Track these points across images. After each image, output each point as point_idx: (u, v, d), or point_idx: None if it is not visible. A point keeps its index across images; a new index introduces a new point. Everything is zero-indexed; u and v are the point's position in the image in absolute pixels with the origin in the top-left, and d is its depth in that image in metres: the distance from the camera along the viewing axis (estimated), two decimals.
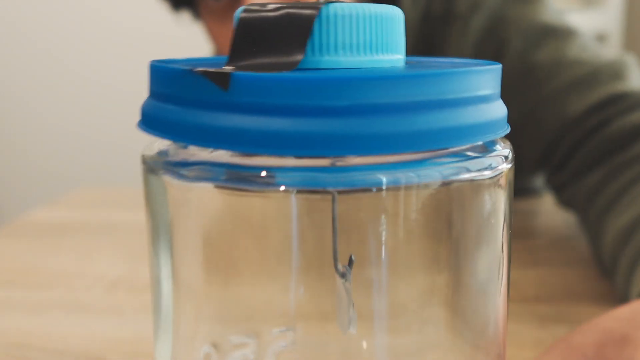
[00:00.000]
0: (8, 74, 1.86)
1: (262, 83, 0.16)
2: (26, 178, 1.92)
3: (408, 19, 0.61)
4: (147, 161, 0.20)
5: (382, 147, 0.16)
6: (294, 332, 0.21)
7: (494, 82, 0.19)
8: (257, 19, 0.18)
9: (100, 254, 0.53)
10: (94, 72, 1.82)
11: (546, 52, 0.55)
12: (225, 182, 0.18)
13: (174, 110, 0.18)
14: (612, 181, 0.47)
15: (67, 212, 0.66)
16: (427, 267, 0.20)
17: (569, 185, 0.52)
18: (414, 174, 0.17)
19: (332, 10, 0.18)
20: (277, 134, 0.16)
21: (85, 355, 0.36)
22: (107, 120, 1.85)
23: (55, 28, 1.81)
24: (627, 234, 0.42)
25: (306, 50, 0.18)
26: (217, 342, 0.21)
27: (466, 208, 0.19)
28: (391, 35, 0.19)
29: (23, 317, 0.41)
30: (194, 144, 0.18)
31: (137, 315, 0.41)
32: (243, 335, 0.21)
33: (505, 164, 0.19)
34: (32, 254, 0.54)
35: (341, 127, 0.16)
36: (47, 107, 1.87)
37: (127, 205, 0.69)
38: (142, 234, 0.58)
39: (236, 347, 0.21)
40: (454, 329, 0.21)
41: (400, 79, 0.16)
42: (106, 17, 1.79)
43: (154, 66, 0.19)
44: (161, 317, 0.21)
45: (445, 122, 0.17)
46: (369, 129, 0.16)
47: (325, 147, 0.16)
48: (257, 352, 0.21)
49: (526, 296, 0.43)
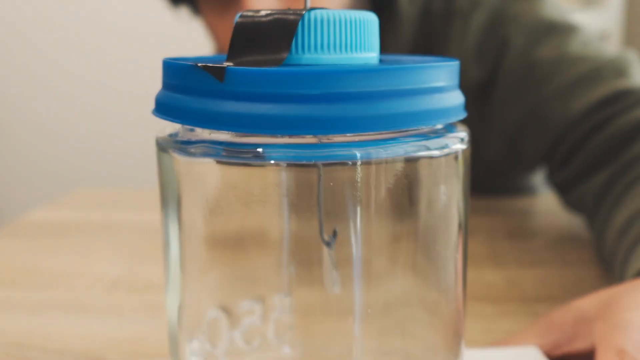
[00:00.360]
0: (8, 74, 1.86)
1: (252, 75, 0.20)
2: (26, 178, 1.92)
3: (406, 17, 0.61)
4: (159, 142, 0.24)
5: (353, 127, 0.20)
6: (291, 297, 0.25)
7: (449, 76, 0.23)
8: (251, 23, 0.22)
9: (100, 254, 0.53)
10: (94, 72, 1.82)
11: (548, 49, 0.55)
12: (224, 157, 0.22)
13: (182, 99, 0.22)
14: (616, 184, 0.47)
15: (67, 212, 0.66)
16: (396, 228, 0.24)
17: (574, 186, 0.52)
18: (382, 150, 0.21)
19: (312, 15, 0.21)
20: (266, 117, 0.20)
21: (85, 355, 0.36)
22: (107, 120, 1.85)
23: (55, 28, 1.81)
24: (625, 228, 0.42)
25: (291, 49, 0.22)
26: (228, 308, 0.25)
27: (427, 179, 0.23)
28: (365, 37, 0.23)
29: (23, 317, 0.41)
30: (198, 126, 0.22)
31: (137, 315, 0.41)
32: (251, 299, 0.25)
33: (461, 144, 0.24)
34: (32, 254, 0.54)
35: (315, 111, 0.20)
36: (47, 107, 1.87)
37: (127, 205, 0.69)
38: (142, 234, 0.58)
39: (246, 314, 0.25)
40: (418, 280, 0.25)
41: (367, 73, 0.20)
42: (106, 18, 1.79)
43: (166, 62, 0.23)
44: (170, 277, 0.25)
45: (406, 108, 0.21)
46: (341, 113, 0.20)
47: (303, 128, 0.20)
48: (263, 318, 0.25)
49: (526, 296, 0.43)
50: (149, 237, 0.57)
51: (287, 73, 0.20)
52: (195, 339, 0.25)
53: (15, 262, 0.52)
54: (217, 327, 0.25)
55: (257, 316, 0.25)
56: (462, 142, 0.24)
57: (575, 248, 0.53)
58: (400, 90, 0.21)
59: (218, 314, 0.25)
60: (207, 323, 0.25)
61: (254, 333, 0.25)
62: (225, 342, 0.25)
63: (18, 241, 0.57)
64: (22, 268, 0.50)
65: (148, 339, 0.38)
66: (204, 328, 0.25)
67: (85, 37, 1.80)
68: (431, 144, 0.23)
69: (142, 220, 0.63)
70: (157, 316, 0.41)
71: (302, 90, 0.20)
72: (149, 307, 0.42)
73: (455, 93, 0.23)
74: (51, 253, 0.54)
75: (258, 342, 0.26)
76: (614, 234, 0.43)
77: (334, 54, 0.22)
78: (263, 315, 0.25)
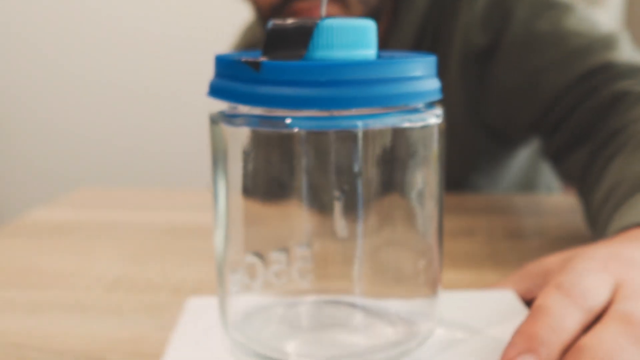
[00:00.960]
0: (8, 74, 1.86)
1: (279, 67, 0.28)
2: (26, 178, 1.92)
3: (416, 6, 0.67)
4: (212, 117, 0.32)
5: (354, 104, 0.28)
6: (311, 248, 0.34)
7: (427, 68, 0.30)
8: (280, 28, 0.30)
9: (100, 254, 0.53)
10: (94, 72, 1.82)
11: (547, 23, 0.60)
12: (259, 127, 0.30)
13: (229, 84, 0.30)
14: (599, 157, 0.51)
15: (67, 212, 0.66)
16: (388, 183, 0.32)
17: (565, 156, 0.57)
18: (377, 121, 0.30)
19: (325, 23, 0.29)
20: (289, 97, 0.28)
21: (84, 355, 0.36)
22: (107, 120, 1.86)
23: (55, 28, 1.81)
24: (606, 198, 0.46)
25: (308, 48, 0.29)
26: (262, 254, 0.33)
27: (411, 145, 0.31)
28: (364, 39, 0.30)
29: (22, 317, 0.41)
30: (240, 103, 0.30)
31: (137, 315, 0.41)
32: (278, 249, 0.34)
33: (437, 119, 0.31)
34: (32, 254, 0.54)
35: (323, 93, 0.28)
36: (47, 107, 1.87)
37: (127, 205, 0.69)
38: (142, 234, 0.58)
39: (274, 261, 0.34)
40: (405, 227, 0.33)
41: (363, 65, 0.28)
42: (106, 18, 1.79)
43: (217, 57, 0.31)
44: (217, 223, 0.34)
45: (393, 91, 0.29)
46: (342, 94, 0.28)
47: (317, 104, 0.28)
48: (288, 264, 0.34)
49: None
50: (149, 237, 0.57)
51: (303, 65, 0.28)
52: (236, 273, 0.34)
53: (15, 262, 0.52)
54: (253, 268, 0.33)
55: (284, 264, 0.34)
56: (437, 118, 0.32)
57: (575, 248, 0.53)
58: (388, 77, 0.29)
59: (254, 259, 0.33)
60: (245, 265, 0.33)
61: (281, 273, 0.34)
62: (260, 279, 0.34)
63: (18, 241, 0.57)
64: (21, 268, 0.50)
65: (148, 339, 0.38)
66: (243, 268, 0.34)
67: (85, 37, 1.80)
68: (413, 118, 0.31)
69: (142, 220, 0.63)
70: (157, 316, 0.41)
71: (313, 78, 0.28)
72: (149, 307, 0.42)
73: (433, 80, 0.31)
74: (51, 253, 0.54)
75: (285, 279, 0.34)
76: (597, 204, 0.47)
77: (340, 51, 0.29)
78: (288, 262, 0.34)
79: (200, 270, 0.49)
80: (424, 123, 0.31)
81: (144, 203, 0.70)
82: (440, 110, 0.32)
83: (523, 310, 0.37)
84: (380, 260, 0.34)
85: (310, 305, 0.36)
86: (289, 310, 0.36)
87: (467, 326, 0.35)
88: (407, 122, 0.30)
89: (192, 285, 0.46)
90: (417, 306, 0.35)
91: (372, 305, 0.35)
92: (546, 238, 0.55)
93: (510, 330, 0.32)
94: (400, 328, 0.34)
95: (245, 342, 0.33)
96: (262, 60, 0.28)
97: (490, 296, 0.39)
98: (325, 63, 0.28)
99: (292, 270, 0.34)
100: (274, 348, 0.33)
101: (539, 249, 0.53)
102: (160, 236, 0.58)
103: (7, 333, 0.39)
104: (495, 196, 0.70)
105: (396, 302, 0.35)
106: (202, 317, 0.37)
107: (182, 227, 0.60)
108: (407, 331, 0.34)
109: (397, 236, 0.34)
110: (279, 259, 0.34)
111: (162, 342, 0.37)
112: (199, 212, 0.65)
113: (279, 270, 0.34)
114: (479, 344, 0.34)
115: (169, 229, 0.60)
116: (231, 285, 0.34)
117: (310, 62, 0.28)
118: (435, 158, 0.32)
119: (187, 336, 0.35)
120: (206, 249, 0.53)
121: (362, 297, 0.35)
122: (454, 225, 0.59)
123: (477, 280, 0.46)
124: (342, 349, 0.33)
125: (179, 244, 0.56)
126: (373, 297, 0.35)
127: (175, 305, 0.42)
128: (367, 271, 0.34)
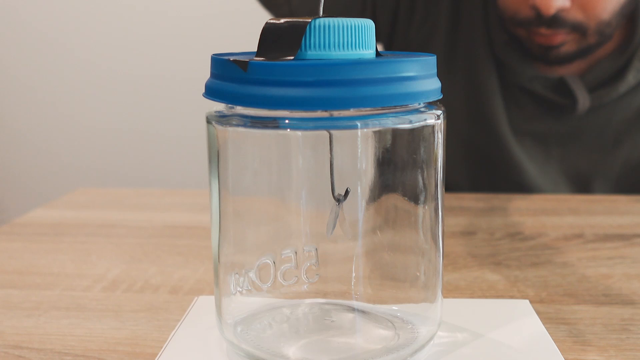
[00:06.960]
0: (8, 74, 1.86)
1: (268, 67, 0.28)
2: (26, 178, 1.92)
3: None
4: (207, 117, 0.31)
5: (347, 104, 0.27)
6: (317, 249, 0.33)
7: (426, 67, 0.29)
8: (273, 27, 0.29)
9: (100, 254, 0.53)
10: (94, 72, 1.82)
11: None
12: (251, 127, 0.29)
13: (220, 85, 0.29)
14: None
15: (67, 212, 0.66)
16: (389, 180, 0.32)
17: None
18: (376, 121, 0.29)
19: (318, 22, 0.28)
20: (280, 97, 0.27)
21: (83, 355, 0.36)
22: (106, 120, 1.85)
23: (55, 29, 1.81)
24: None
25: (300, 47, 0.29)
26: (273, 255, 0.33)
27: (411, 144, 0.31)
28: (360, 38, 0.29)
29: (21, 317, 0.41)
30: (229, 103, 0.29)
31: (136, 315, 0.41)
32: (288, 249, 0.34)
33: (437, 120, 0.31)
34: (32, 254, 0.53)
35: (310, 93, 0.27)
36: (46, 107, 1.87)
37: (127, 205, 0.69)
38: (142, 234, 0.58)
39: (285, 261, 0.34)
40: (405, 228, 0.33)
41: (350, 64, 0.27)
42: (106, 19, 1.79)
43: (213, 57, 0.30)
44: (212, 220, 0.33)
45: (389, 90, 0.28)
46: (315, 95, 0.27)
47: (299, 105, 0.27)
48: (296, 264, 0.33)
49: (526, 296, 0.43)
50: (148, 237, 0.57)
51: (289, 65, 0.27)
52: (230, 274, 0.33)
53: (15, 262, 0.52)
54: (266, 269, 0.34)
55: (293, 264, 0.34)
56: (438, 118, 0.31)
57: (575, 248, 0.53)
58: (385, 77, 0.28)
59: (246, 261, 0.34)
60: (238, 266, 0.33)
61: (290, 274, 0.34)
62: (271, 280, 0.34)
63: (18, 241, 0.57)
64: (21, 268, 0.50)
65: (147, 339, 0.38)
66: (236, 269, 0.34)
67: (85, 37, 1.80)
68: (413, 118, 0.30)
69: (142, 220, 0.62)
70: (156, 316, 0.41)
71: (298, 78, 0.27)
72: (148, 307, 0.42)
73: (432, 80, 0.30)
74: (50, 253, 0.54)
75: (293, 280, 0.34)
76: None
77: (334, 51, 0.29)
78: (296, 263, 0.34)
79: (199, 270, 0.49)
80: (424, 123, 0.30)
81: (143, 203, 0.70)
82: (441, 110, 0.31)
83: (537, 321, 0.37)
84: (380, 261, 0.34)
85: (309, 307, 0.36)
86: (287, 314, 0.36)
87: (471, 331, 0.35)
88: (407, 123, 0.30)
89: (191, 285, 0.46)
90: (417, 308, 0.34)
91: (370, 308, 0.35)
92: (546, 238, 0.55)
93: (519, 337, 0.31)
94: (401, 331, 0.34)
95: (239, 344, 0.33)
96: (250, 60, 0.28)
97: (504, 305, 0.39)
98: (310, 63, 0.27)
99: (300, 271, 0.34)
100: (272, 351, 0.32)
101: (539, 249, 0.53)
102: (159, 236, 0.58)
103: (6, 333, 0.39)
104: (495, 196, 0.70)
105: (395, 305, 0.35)
106: (204, 318, 0.37)
107: (181, 227, 0.60)
108: (407, 335, 0.34)
109: (397, 237, 0.33)
110: (288, 259, 0.34)
111: (161, 342, 0.37)
112: (198, 212, 0.65)
113: (288, 271, 0.34)
114: (481, 349, 0.33)
115: (168, 229, 0.60)
116: (225, 286, 0.34)
117: (296, 61, 0.27)
118: (438, 157, 0.32)
119: (187, 336, 0.35)
120: (206, 249, 0.53)
121: (360, 300, 0.35)
122: (454, 225, 0.59)
123: (477, 280, 0.46)
124: (341, 353, 0.32)
125: (178, 244, 0.55)
126: (372, 299, 0.35)
127: (174, 305, 0.42)
128: (366, 272, 0.34)
